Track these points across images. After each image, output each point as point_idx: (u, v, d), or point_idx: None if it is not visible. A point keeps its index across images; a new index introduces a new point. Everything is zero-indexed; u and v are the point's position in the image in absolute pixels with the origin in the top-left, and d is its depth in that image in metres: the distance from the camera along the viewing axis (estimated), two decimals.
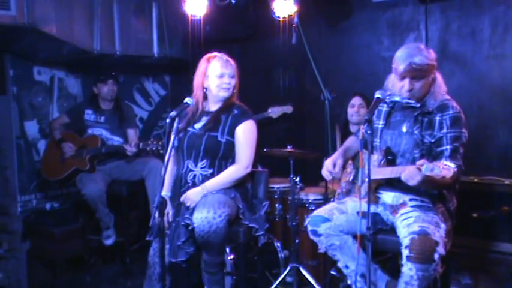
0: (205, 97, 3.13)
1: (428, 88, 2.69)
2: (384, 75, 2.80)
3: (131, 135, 4.51)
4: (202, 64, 3.11)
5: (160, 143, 3.90)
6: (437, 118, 2.65)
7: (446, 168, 2.26)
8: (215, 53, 3.12)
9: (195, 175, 3.03)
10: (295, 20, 3.68)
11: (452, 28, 3.89)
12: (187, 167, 3.06)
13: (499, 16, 3.69)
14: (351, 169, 3.07)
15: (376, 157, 2.76)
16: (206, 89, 3.08)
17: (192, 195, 2.95)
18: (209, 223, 2.76)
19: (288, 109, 4.34)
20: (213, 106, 3.13)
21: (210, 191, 2.95)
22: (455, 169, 2.29)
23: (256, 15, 4.55)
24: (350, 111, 3.93)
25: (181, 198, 2.96)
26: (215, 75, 3.05)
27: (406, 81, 2.64)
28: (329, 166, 2.87)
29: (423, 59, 2.59)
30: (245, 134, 3.05)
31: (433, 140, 2.65)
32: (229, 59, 3.11)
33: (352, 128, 3.95)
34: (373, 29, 4.28)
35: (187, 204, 2.93)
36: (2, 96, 4.48)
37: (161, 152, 3.90)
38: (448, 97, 2.70)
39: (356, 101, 3.93)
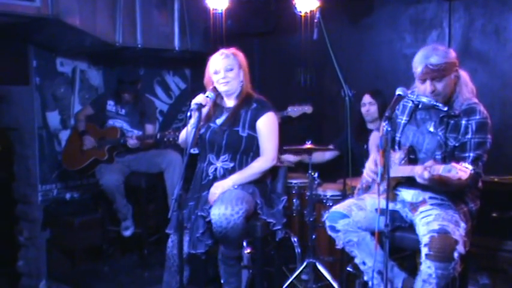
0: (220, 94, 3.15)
1: (453, 87, 2.66)
2: (405, 72, 2.79)
3: (149, 130, 4.51)
4: (207, 63, 3.13)
5: (177, 133, 3.93)
6: (463, 122, 2.61)
7: (463, 170, 2.26)
8: (220, 50, 3.11)
9: (216, 168, 3.05)
10: (317, 15, 3.65)
11: (476, 26, 3.84)
12: (209, 160, 3.08)
13: None
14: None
15: (398, 155, 2.75)
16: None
17: (221, 186, 2.96)
18: (227, 219, 2.77)
19: (308, 109, 4.32)
20: (230, 102, 3.15)
21: (238, 184, 2.97)
22: (472, 171, 2.28)
23: (277, 10, 4.55)
24: (362, 110, 3.92)
25: (211, 189, 2.97)
26: (212, 73, 3.07)
27: (428, 83, 2.61)
28: (372, 166, 2.84)
29: (439, 58, 2.57)
30: (267, 127, 3.06)
31: (457, 144, 2.62)
32: (228, 52, 3.08)
33: (369, 126, 3.94)
34: (395, 25, 4.24)
35: (215, 195, 2.93)
36: (25, 86, 4.55)
37: (178, 143, 3.93)
38: (476, 100, 2.66)
39: (366, 99, 3.91)
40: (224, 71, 3.04)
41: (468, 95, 2.67)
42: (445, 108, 2.66)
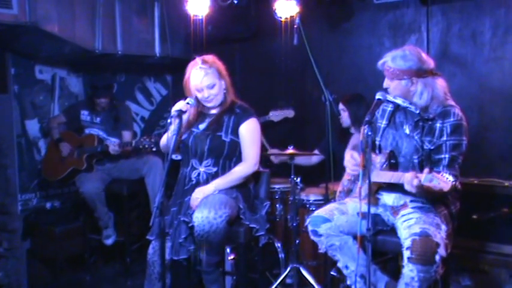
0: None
1: (406, 92, 2.66)
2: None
3: (126, 137, 4.48)
4: (187, 71, 3.08)
5: (152, 140, 3.90)
6: (438, 125, 2.64)
7: (444, 181, 2.28)
8: (197, 60, 3.05)
9: (199, 173, 3.05)
10: (297, 20, 3.67)
11: (454, 30, 3.89)
12: (192, 165, 3.07)
13: (500, 19, 3.70)
14: None
15: (379, 159, 2.77)
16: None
17: (202, 192, 2.95)
18: (209, 223, 2.77)
19: (290, 113, 4.34)
20: (213, 108, 3.14)
21: (220, 189, 2.97)
22: (453, 183, 2.31)
23: (258, 16, 4.56)
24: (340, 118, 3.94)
25: (193, 194, 2.96)
26: (195, 88, 3.04)
27: (385, 79, 2.72)
28: (352, 160, 2.82)
29: (395, 63, 2.64)
30: (249, 132, 3.07)
31: (432, 147, 2.65)
32: (207, 64, 3.02)
33: (352, 130, 3.95)
34: (375, 30, 4.28)
35: (197, 200, 2.92)
36: (3, 94, 4.49)
37: (154, 149, 3.91)
38: (452, 103, 2.69)
39: (340, 106, 3.91)
40: (207, 88, 3.02)
41: (444, 102, 2.67)
42: (417, 111, 2.69)
